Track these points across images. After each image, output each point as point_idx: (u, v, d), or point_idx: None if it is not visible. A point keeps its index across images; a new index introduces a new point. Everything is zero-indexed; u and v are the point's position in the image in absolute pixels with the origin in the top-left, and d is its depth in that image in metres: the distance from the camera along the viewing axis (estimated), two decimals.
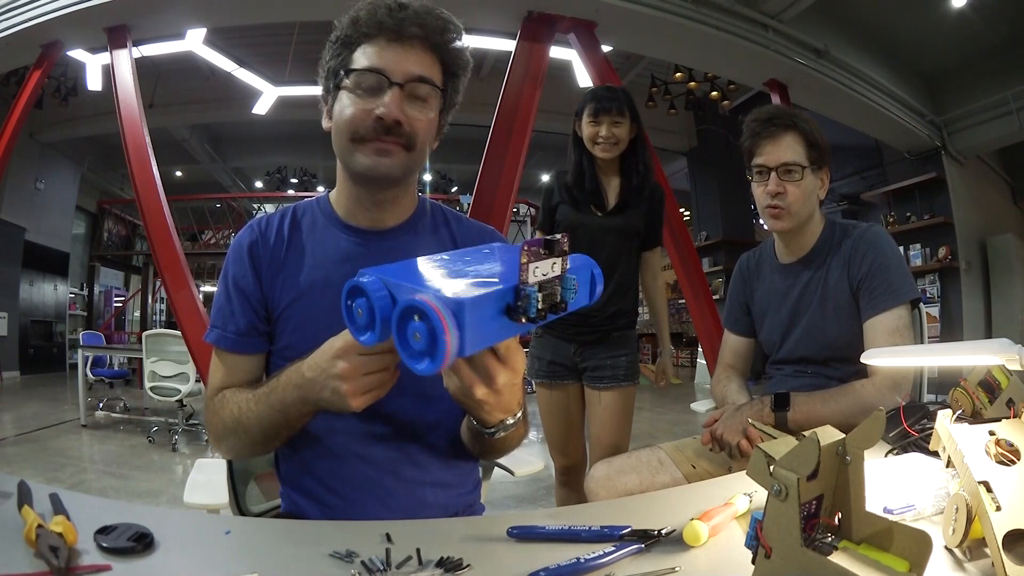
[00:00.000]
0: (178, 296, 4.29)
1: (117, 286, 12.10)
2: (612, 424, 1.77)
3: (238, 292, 0.85)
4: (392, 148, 0.79)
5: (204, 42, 6.27)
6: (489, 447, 0.81)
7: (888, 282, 1.17)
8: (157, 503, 2.94)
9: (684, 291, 4.67)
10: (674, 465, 1.17)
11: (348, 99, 0.79)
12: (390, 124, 0.77)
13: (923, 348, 1.04)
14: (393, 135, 0.78)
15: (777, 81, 5.42)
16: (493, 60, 7.54)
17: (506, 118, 4.06)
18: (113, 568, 0.52)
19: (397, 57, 0.78)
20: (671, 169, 10.04)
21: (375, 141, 0.78)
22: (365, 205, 0.86)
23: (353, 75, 0.78)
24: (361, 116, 0.78)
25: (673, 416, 5.65)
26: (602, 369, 1.76)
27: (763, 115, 1.26)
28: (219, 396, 0.84)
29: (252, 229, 0.89)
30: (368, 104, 0.78)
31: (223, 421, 0.80)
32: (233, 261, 0.87)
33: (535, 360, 1.85)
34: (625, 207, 1.76)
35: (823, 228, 1.29)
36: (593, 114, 1.72)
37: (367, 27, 0.78)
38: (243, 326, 0.85)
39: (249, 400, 0.78)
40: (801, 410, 1.10)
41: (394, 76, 0.77)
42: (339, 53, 0.81)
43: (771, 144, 1.24)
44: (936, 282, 6.67)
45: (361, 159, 0.79)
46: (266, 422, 0.76)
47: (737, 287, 1.46)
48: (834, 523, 0.50)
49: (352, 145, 0.79)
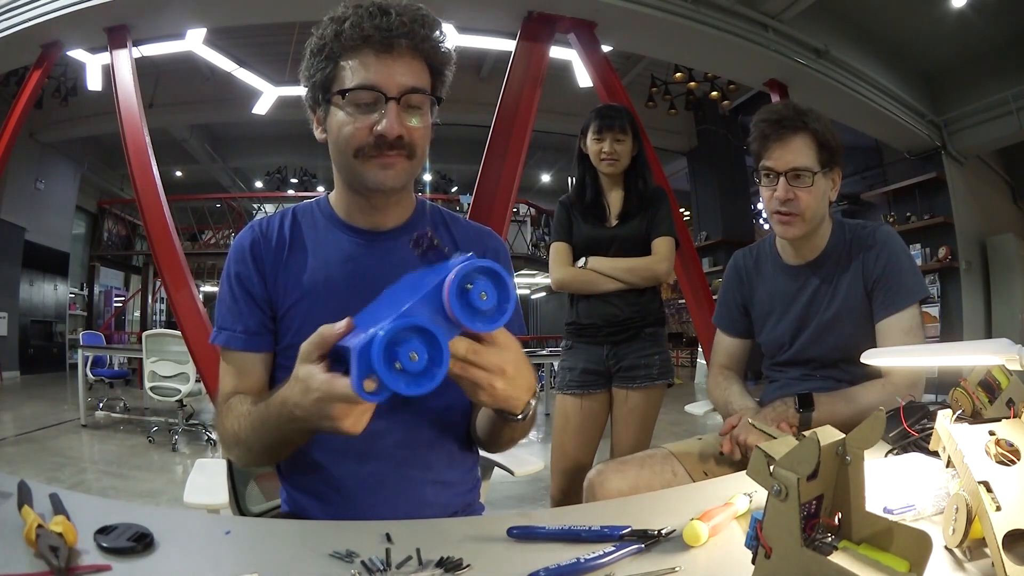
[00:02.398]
0: (178, 296, 4.29)
1: (117, 286, 12.12)
2: (636, 425, 1.76)
3: (244, 292, 0.85)
4: (395, 161, 0.80)
5: (204, 42, 6.27)
6: (508, 438, 0.82)
7: (902, 283, 1.17)
8: (157, 503, 2.94)
9: (684, 291, 4.67)
10: (680, 465, 1.17)
11: (344, 116, 0.79)
12: (392, 139, 0.78)
13: (923, 348, 1.04)
14: (395, 148, 0.79)
15: (777, 81, 5.42)
16: (493, 60, 7.55)
17: (506, 118, 4.06)
18: (113, 568, 0.52)
19: (388, 70, 0.77)
20: (671, 169, 10.05)
21: (379, 157, 0.79)
22: (365, 210, 0.87)
23: (348, 94, 0.78)
24: (362, 134, 0.78)
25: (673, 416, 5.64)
26: (636, 369, 1.76)
27: (772, 116, 1.21)
28: (227, 405, 0.83)
29: (253, 229, 0.89)
30: (366, 121, 0.78)
31: (228, 433, 0.80)
32: (236, 261, 0.87)
33: (566, 372, 1.84)
34: (629, 217, 1.81)
35: (832, 229, 1.26)
36: (597, 131, 1.79)
37: (352, 39, 0.77)
38: (253, 325, 0.85)
39: (243, 418, 0.77)
40: (825, 410, 1.09)
41: (389, 91, 0.77)
42: (324, 66, 0.80)
43: (780, 147, 1.19)
44: (936, 282, 6.68)
45: (368, 175, 0.80)
46: (265, 441, 0.75)
47: (733, 287, 1.42)
48: (834, 523, 0.50)
49: (356, 162, 0.80)
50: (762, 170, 1.23)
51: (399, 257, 0.86)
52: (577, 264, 1.80)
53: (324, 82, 0.80)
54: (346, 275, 0.85)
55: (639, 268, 1.77)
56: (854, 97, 5.60)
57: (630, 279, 1.76)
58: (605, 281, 1.77)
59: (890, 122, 6.06)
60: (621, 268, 1.76)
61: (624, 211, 1.82)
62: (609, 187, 1.84)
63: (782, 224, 1.21)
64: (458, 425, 0.89)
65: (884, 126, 6.21)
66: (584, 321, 1.81)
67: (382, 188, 0.81)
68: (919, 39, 5.90)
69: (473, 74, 8.04)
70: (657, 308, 1.83)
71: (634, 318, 1.77)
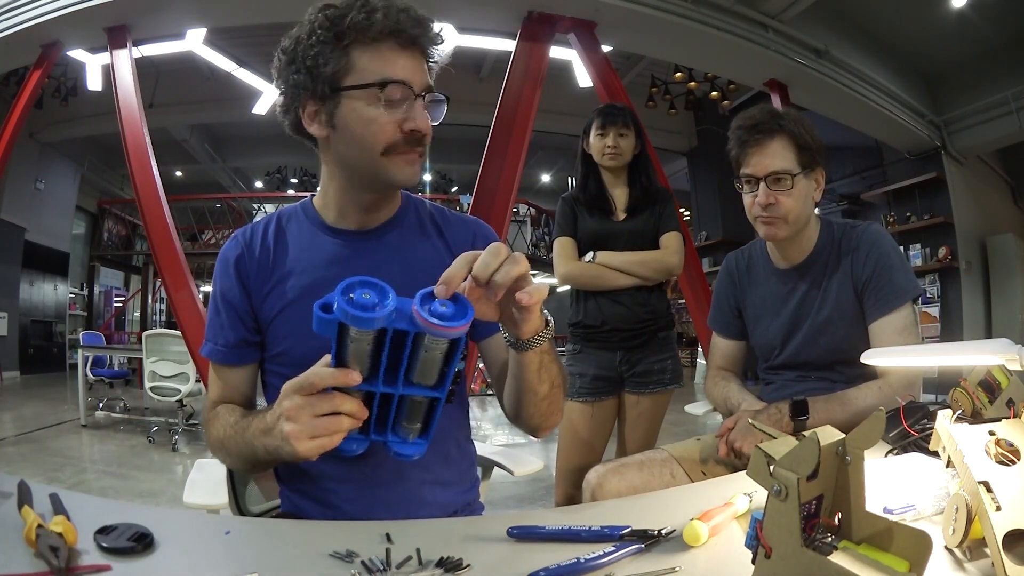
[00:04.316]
0: (178, 296, 4.29)
1: (117, 286, 12.11)
2: (644, 428, 1.76)
3: (227, 305, 0.86)
4: (418, 157, 0.80)
5: (204, 42, 6.27)
6: (549, 376, 0.76)
7: (893, 282, 1.16)
8: (157, 503, 2.94)
9: (684, 291, 4.68)
10: (679, 466, 1.17)
11: (371, 111, 0.76)
12: (422, 137, 0.78)
13: (923, 348, 1.04)
14: (420, 146, 0.79)
15: (777, 81, 5.42)
16: (493, 60, 7.54)
17: (506, 118, 4.06)
18: (113, 568, 0.52)
19: (412, 66, 0.77)
20: (671, 169, 10.04)
21: (408, 153, 0.79)
22: (364, 209, 0.86)
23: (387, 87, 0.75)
24: (393, 129, 0.77)
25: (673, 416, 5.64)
26: (650, 375, 1.75)
27: (747, 121, 1.20)
28: (213, 412, 0.85)
29: (237, 241, 0.89)
30: (395, 116, 0.76)
31: (213, 439, 0.82)
32: (221, 275, 0.87)
33: (575, 378, 1.80)
34: (637, 211, 1.80)
35: (820, 231, 1.25)
36: (601, 127, 1.79)
37: (379, 31, 0.74)
38: (232, 339, 0.85)
39: (228, 428, 0.78)
40: (821, 417, 1.07)
41: (417, 87, 0.77)
42: (332, 54, 0.75)
43: (758, 153, 1.18)
44: (936, 282, 6.67)
45: (394, 172, 0.79)
46: (245, 454, 0.74)
47: (726, 289, 1.41)
48: (834, 523, 0.50)
49: (383, 159, 0.78)
50: (742, 177, 1.22)
51: (386, 254, 0.86)
52: (585, 258, 1.77)
53: (334, 73, 0.76)
54: (331, 279, 0.84)
55: (651, 261, 1.73)
56: (854, 97, 5.60)
57: (642, 272, 1.72)
58: (615, 276, 1.73)
59: (890, 122, 6.06)
60: (633, 261, 1.73)
61: (631, 206, 1.80)
62: (612, 184, 1.83)
63: (765, 226, 1.21)
64: (453, 424, 0.89)
65: (884, 126, 6.21)
66: (592, 322, 1.78)
67: (407, 185, 0.81)
68: (919, 39, 5.90)
69: (473, 74, 8.04)
70: (665, 309, 1.82)
71: (646, 320, 1.75)
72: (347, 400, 0.61)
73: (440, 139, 0.90)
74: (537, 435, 0.85)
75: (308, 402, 0.61)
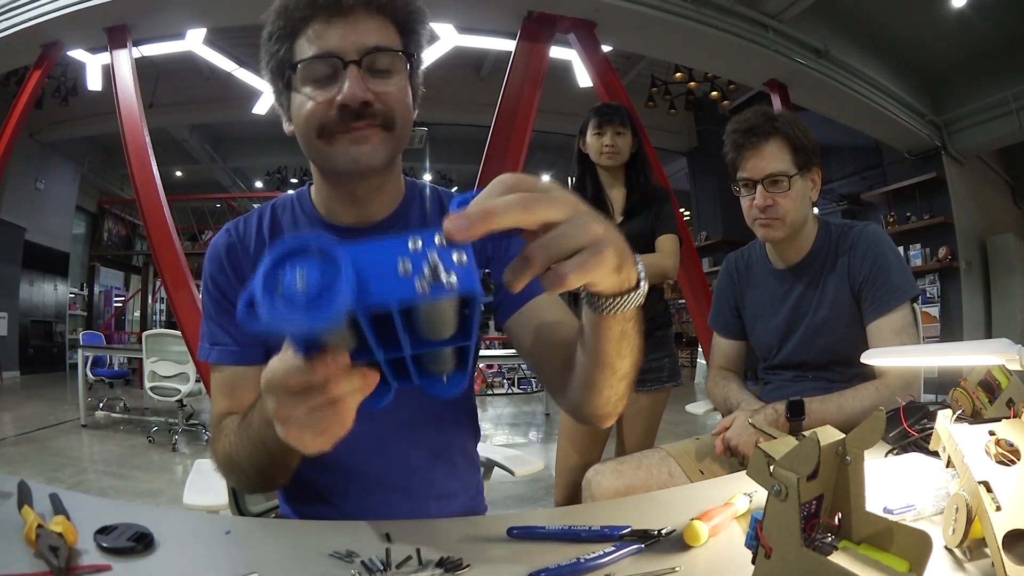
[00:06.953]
0: (178, 296, 4.29)
1: (117, 286, 12.10)
2: (643, 426, 1.76)
3: (227, 301, 0.78)
4: (368, 133, 0.70)
5: (204, 42, 6.26)
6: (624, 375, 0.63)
7: (890, 282, 1.15)
8: (157, 503, 2.94)
9: (684, 291, 4.68)
10: (677, 465, 1.17)
11: (300, 95, 0.71)
12: (357, 108, 0.68)
13: (923, 348, 1.04)
14: (365, 118, 0.69)
15: (777, 81, 5.42)
16: (493, 60, 7.54)
17: (506, 118, 4.06)
18: (113, 568, 0.52)
19: (343, 32, 0.68)
20: (671, 169, 10.03)
21: (347, 131, 0.69)
22: (346, 202, 0.78)
23: (300, 68, 0.69)
24: (323, 108, 0.69)
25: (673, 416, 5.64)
26: (647, 373, 1.75)
27: (742, 125, 1.21)
28: (219, 427, 0.75)
29: (228, 232, 0.81)
30: (327, 93, 0.69)
31: (221, 455, 0.71)
32: (214, 268, 0.79)
33: None
34: (634, 214, 1.80)
35: (817, 231, 1.25)
36: (597, 126, 1.79)
37: (299, 10, 0.69)
38: (244, 336, 0.77)
39: (232, 435, 0.68)
40: (817, 418, 1.07)
41: (346, 55, 0.68)
42: (278, 49, 0.72)
43: (754, 156, 1.19)
44: (936, 282, 6.67)
45: (338, 155, 0.70)
46: (255, 460, 0.64)
47: (725, 289, 1.42)
48: (834, 523, 0.50)
49: (321, 142, 0.71)
50: (740, 181, 1.23)
51: None
52: None
53: (280, 66, 0.72)
54: None
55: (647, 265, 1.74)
56: (854, 97, 5.60)
57: None
58: None
59: (890, 122, 6.06)
60: None
61: (628, 208, 1.81)
62: (610, 184, 1.83)
63: (764, 228, 1.22)
64: (460, 432, 0.87)
65: (884, 126, 6.21)
66: None
67: (357, 167, 0.71)
68: (919, 39, 5.90)
69: (473, 74, 8.04)
70: (663, 309, 1.83)
71: (643, 320, 1.75)
72: (342, 380, 0.42)
73: (440, 139, 0.89)
74: (602, 424, 0.69)
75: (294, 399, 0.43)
